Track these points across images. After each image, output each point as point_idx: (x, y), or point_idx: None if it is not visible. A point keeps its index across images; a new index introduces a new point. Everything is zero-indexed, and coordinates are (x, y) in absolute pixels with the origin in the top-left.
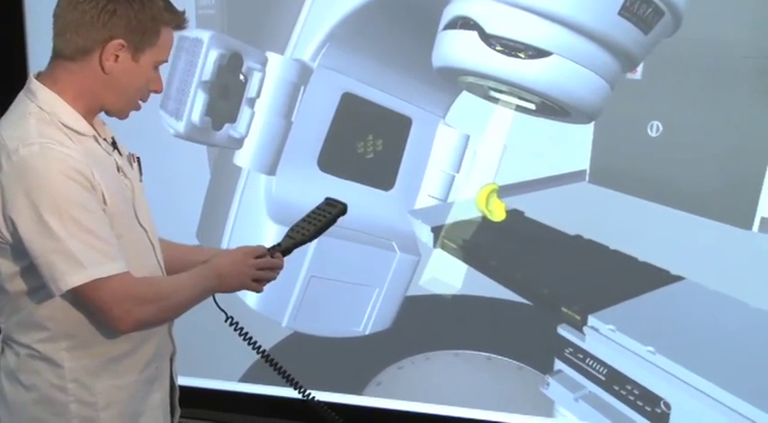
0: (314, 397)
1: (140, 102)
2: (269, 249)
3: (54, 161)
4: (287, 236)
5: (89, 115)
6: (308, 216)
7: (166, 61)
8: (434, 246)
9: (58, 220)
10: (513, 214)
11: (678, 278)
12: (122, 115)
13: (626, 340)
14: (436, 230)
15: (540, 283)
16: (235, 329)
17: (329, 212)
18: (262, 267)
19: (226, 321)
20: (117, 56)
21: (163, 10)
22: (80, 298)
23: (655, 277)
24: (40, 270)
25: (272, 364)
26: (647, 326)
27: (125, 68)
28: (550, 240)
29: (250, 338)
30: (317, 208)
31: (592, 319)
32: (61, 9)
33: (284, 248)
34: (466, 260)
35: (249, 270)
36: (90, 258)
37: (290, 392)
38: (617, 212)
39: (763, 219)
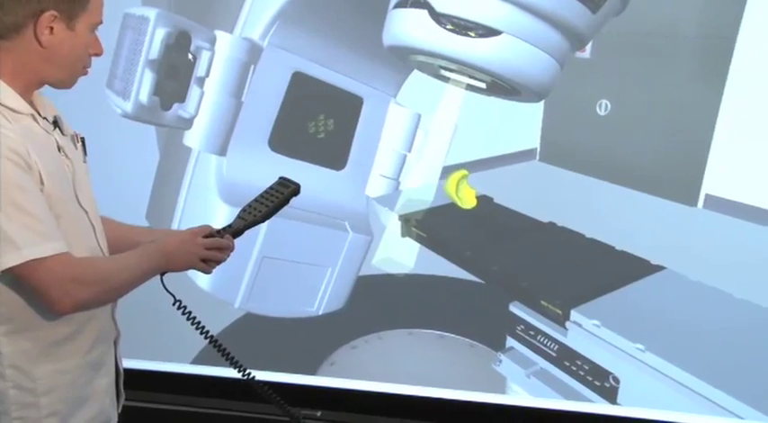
0: (254, 377)
1: (84, 68)
2: (219, 230)
3: None
4: (238, 217)
5: (27, 92)
6: (261, 196)
7: (101, 22)
8: (402, 235)
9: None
10: (484, 201)
11: (658, 268)
12: (67, 85)
13: (611, 336)
14: (404, 219)
15: (517, 276)
16: (183, 313)
17: (281, 193)
18: (210, 247)
19: (174, 305)
20: (51, 28)
21: None
22: (19, 280)
23: (635, 268)
24: None
25: (216, 346)
26: (628, 318)
27: (62, 39)
28: (523, 228)
29: (194, 319)
30: (270, 188)
31: (575, 314)
32: None
33: (235, 230)
34: (437, 251)
35: (197, 249)
36: (26, 239)
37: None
38: (566, 190)
39: (707, 196)
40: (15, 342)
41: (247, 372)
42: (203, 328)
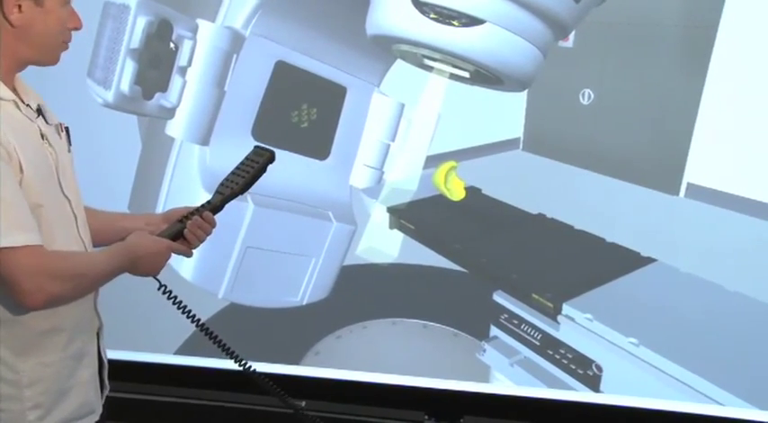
0: (251, 367)
1: (65, 43)
2: (199, 208)
3: None
4: (217, 191)
5: (9, 76)
6: (237, 168)
7: None
8: (391, 227)
9: None
10: (472, 192)
11: (649, 260)
12: (49, 62)
13: (604, 330)
14: (391, 211)
15: (507, 269)
16: (174, 303)
17: (257, 162)
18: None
19: (159, 289)
20: (19, 6)
21: None
22: None
23: (626, 260)
24: None
25: (208, 334)
26: (620, 312)
27: (32, 16)
28: (512, 220)
29: (185, 308)
30: (245, 159)
31: (567, 308)
32: None
33: (214, 205)
34: (426, 243)
35: (165, 257)
36: (3, 229)
37: (227, 364)
38: (550, 180)
39: (689, 184)
40: (45, 309)
41: (246, 364)
42: (195, 316)
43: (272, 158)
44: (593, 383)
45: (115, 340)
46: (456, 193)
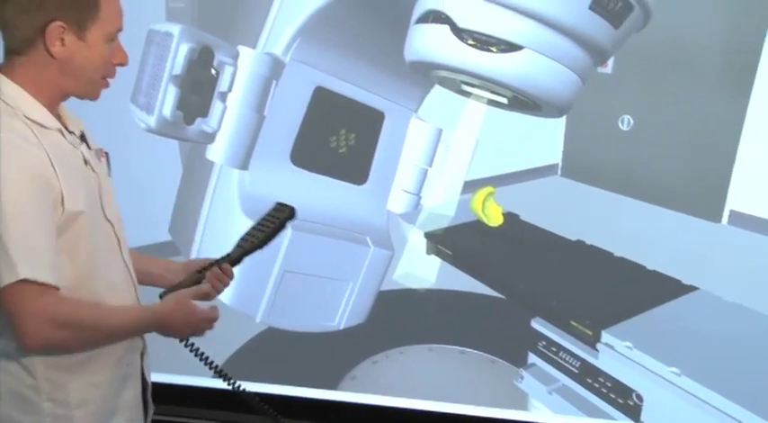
0: (240, 386)
1: (105, 78)
2: (218, 260)
3: (12, 160)
4: (237, 245)
5: (53, 105)
6: (258, 223)
7: (120, 30)
8: (428, 252)
9: (3, 221)
10: (510, 218)
11: (691, 288)
12: (91, 96)
13: (644, 358)
14: (429, 236)
15: (546, 295)
16: (191, 351)
17: (277, 218)
18: (203, 318)
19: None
20: (62, 39)
21: None
22: (2, 304)
23: (666, 288)
24: None
25: (197, 354)
26: (661, 340)
27: (74, 50)
28: (551, 246)
29: (202, 355)
30: (267, 214)
31: (606, 336)
32: None
33: (233, 258)
34: (463, 268)
35: (190, 317)
36: (24, 260)
37: (267, 388)
38: (588, 206)
39: (732, 211)
40: (49, 355)
41: (235, 382)
42: (217, 366)
43: (292, 215)
44: (634, 413)
45: (155, 363)
46: (494, 218)
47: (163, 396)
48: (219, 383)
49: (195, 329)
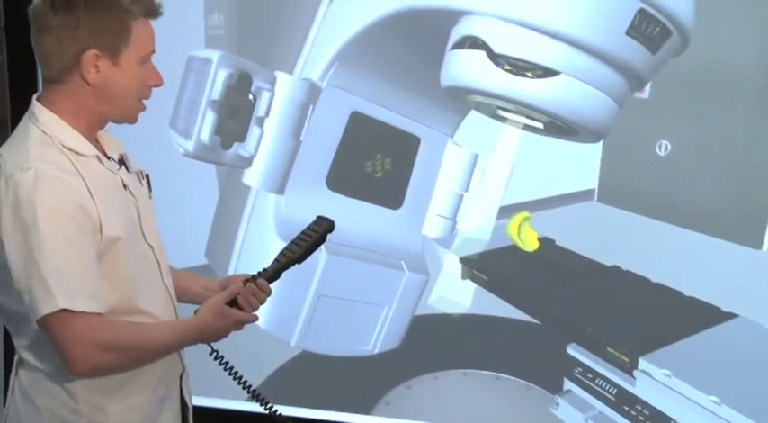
0: (277, 411)
1: (142, 100)
2: (254, 276)
3: (48, 190)
4: (275, 260)
5: (91, 132)
6: (298, 237)
7: (152, 52)
8: (463, 277)
9: (42, 252)
10: (546, 243)
11: (730, 315)
12: (129, 120)
13: (683, 386)
14: (465, 260)
15: (582, 321)
16: (225, 369)
17: (315, 232)
18: (239, 320)
19: (210, 355)
20: (96, 66)
21: (128, 4)
22: (45, 332)
23: (705, 315)
24: (21, 296)
25: (235, 377)
26: (700, 368)
27: (109, 76)
28: (587, 271)
29: (236, 373)
30: (306, 228)
31: (643, 363)
32: (34, 37)
33: (270, 274)
34: (498, 293)
35: (227, 323)
36: (63, 291)
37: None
38: (625, 232)
39: None
40: (89, 379)
41: (270, 405)
42: (250, 386)
43: (331, 228)
44: None
45: (195, 386)
46: (529, 243)
47: (198, 419)
48: (254, 407)
49: (236, 328)
